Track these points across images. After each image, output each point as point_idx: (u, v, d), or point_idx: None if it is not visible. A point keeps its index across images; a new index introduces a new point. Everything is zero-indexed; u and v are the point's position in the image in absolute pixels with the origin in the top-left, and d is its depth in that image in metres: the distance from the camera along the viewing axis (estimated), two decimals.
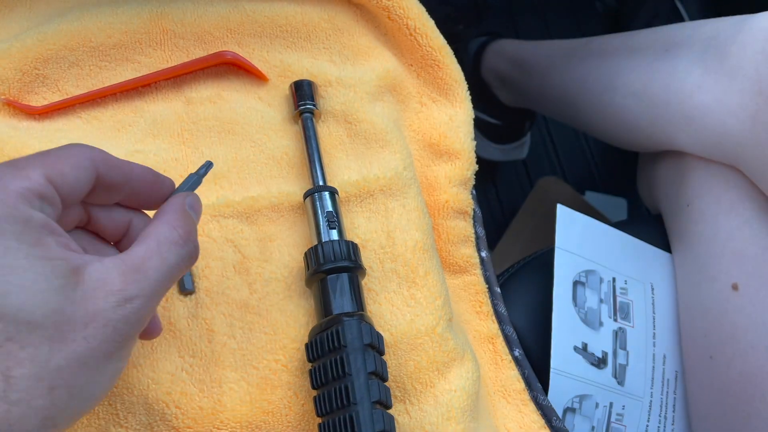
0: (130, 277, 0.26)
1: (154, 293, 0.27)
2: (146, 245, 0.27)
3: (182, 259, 0.28)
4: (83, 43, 0.43)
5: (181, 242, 0.28)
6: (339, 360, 0.34)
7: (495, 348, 0.46)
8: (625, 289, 0.55)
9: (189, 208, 0.31)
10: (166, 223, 0.29)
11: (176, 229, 0.29)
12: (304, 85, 0.45)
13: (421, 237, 0.43)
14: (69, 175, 0.27)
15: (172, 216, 0.29)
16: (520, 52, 0.84)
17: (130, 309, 0.25)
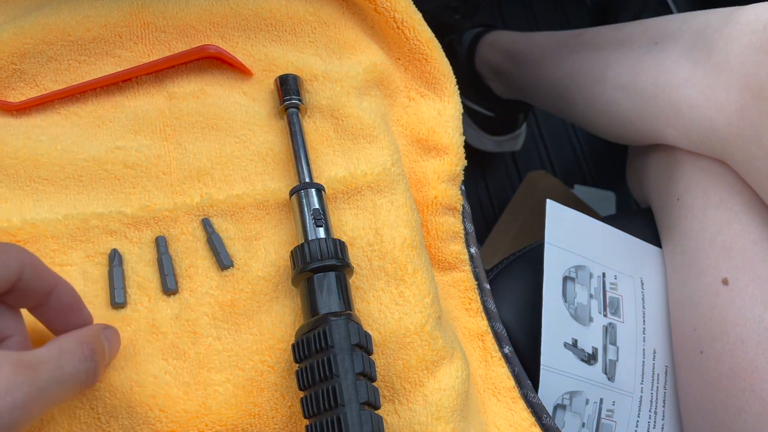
0: (19, 371, 0.25)
1: (41, 395, 0.26)
2: (47, 349, 0.28)
3: (78, 372, 0.29)
4: (61, 37, 0.42)
5: (82, 357, 0.29)
6: (326, 361, 0.34)
7: (484, 345, 0.45)
8: (614, 284, 0.55)
9: (105, 338, 0.32)
10: (75, 337, 0.30)
11: (82, 345, 0.29)
12: (289, 80, 0.44)
13: (409, 234, 0.42)
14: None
15: (83, 333, 0.31)
16: (514, 44, 0.84)
17: (10, 403, 0.25)
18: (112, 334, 0.33)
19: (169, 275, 0.38)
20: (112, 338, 0.33)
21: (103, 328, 0.33)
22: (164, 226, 0.39)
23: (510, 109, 0.95)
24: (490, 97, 0.94)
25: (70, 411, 0.34)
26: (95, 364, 0.30)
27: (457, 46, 0.94)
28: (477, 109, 0.96)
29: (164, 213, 0.39)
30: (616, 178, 1.12)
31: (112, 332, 0.34)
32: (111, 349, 0.33)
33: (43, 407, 0.27)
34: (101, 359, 0.31)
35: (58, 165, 0.39)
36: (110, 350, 0.33)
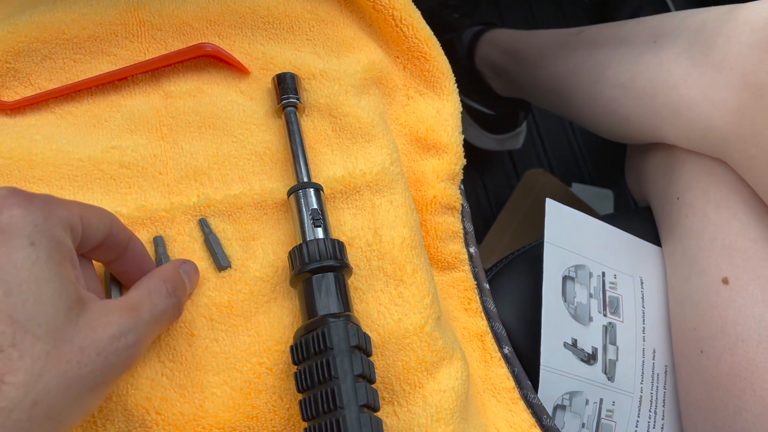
0: (127, 315, 0.28)
1: (146, 332, 0.29)
2: (139, 291, 0.31)
3: (168, 308, 0.31)
4: (56, 36, 0.41)
5: (167, 294, 0.32)
6: (325, 363, 0.33)
7: (484, 346, 0.45)
8: (614, 283, 0.54)
9: (183, 272, 0.34)
10: (157, 277, 0.32)
11: (165, 283, 0.32)
12: (287, 78, 0.44)
13: (408, 234, 0.42)
14: (94, 223, 0.30)
15: (164, 272, 0.33)
16: (514, 42, 0.84)
17: (124, 343, 0.28)
18: (190, 268, 0.36)
19: None
20: (191, 272, 0.36)
21: (181, 264, 0.35)
22: (161, 227, 0.39)
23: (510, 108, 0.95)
24: (491, 95, 0.93)
25: None
26: (178, 298, 0.32)
27: (457, 44, 0.94)
28: (477, 108, 0.95)
29: (161, 213, 0.39)
30: (614, 176, 1.11)
31: (189, 266, 0.36)
32: (191, 282, 0.35)
33: (148, 342, 0.30)
34: (183, 293, 0.33)
35: (53, 165, 0.39)
36: (190, 283, 0.35)
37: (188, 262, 0.36)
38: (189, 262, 0.36)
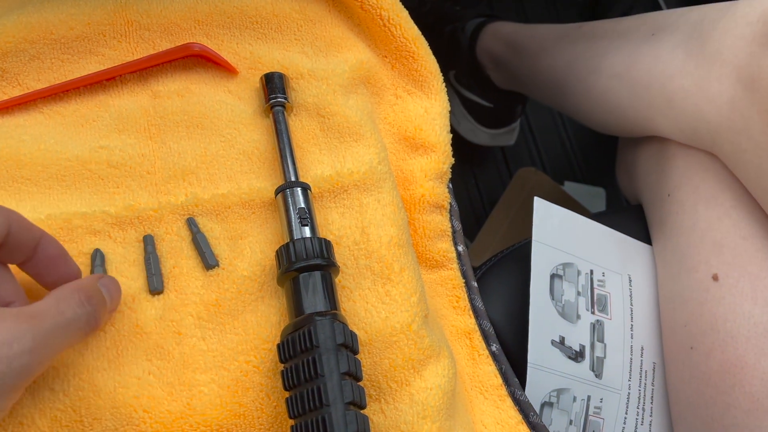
0: (23, 321, 0.27)
1: (46, 340, 0.28)
2: (45, 300, 0.29)
3: (78, 317, 0.30)
4: (44, 36, 0.42)
5: (79, 302, 0.30)
6: (311, 361, 0.33)
7: (472, 343, 0.45)
8: (602, 281, 0.55)
9: (102, 285, 0.33)
10: (70, 286, 0.31)
11: (78, 291, 0.31)
12: (274, 78, 0.44)
13: (396, 232, 0.42)
14: None
15: (79, 282, 0.32)
16: (515, 34, 0.84)
17: (17, 350, 0.26)
18: (110, 282, 0.34)
19: (156, 275, 0.37)
20: (110, 286, 0.34)
21: (99, 278, 0.34)
22: (149, 226, 0.39)
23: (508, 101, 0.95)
24: (490, 87, 0.93)
25: (51, 414, 0.34)
26: (93, 307, 0.31)
27: (461, 35, 0.94)
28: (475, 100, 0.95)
29: (149, 212, 0.39)
30: (606, 174, 1.12)
31: (109, 280, 0.34)
32: (111, 295, 0.34)
33: (50, 353, 0.28)
34: (100, 304, 0.32)
35: (41, 165, 0.39)
36: (110, 297, 0.34)
37: (108, 278, 0.35)
38: (110, 277, 0.35)
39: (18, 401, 0.33)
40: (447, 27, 0.98)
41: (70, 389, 0.34)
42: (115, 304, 0.35)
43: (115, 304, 0.35)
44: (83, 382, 0.34)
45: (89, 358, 0.35)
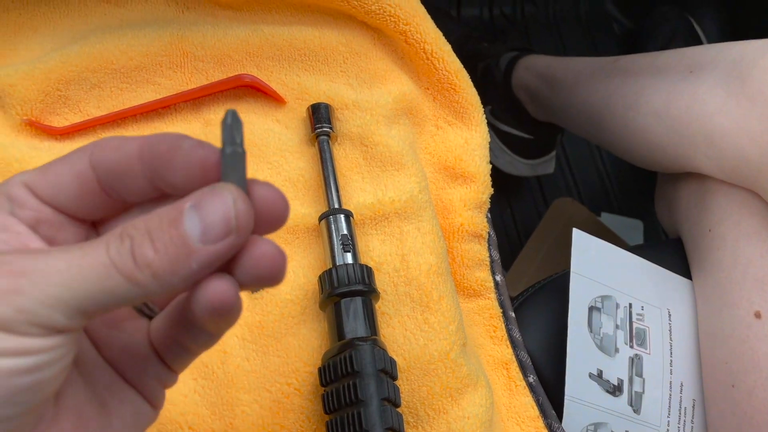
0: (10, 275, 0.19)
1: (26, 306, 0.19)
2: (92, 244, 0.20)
3: (112, 260, 0.20)
4: (105, 65, 0.44)
5: (117, 235, 0.20)
6: (352, 385, 0.34)
7: (509, 374, 0.45)
8: (641, 315, 0.54)
9: (194, 209, 0.21)
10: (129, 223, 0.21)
11: (123, 230, 0.21)
12: (321, 108, 0.45)
13: (435, 261, 0.43)
14: (51, 180, 0.23)
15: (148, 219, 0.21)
16: (549, 68, 0.85)
17: (10, 304, 0.19)
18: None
19: None
20: (210, 206, 0.21)
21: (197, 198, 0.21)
22: None
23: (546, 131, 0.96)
24: (527, 119, 0.94)
25: None
26: (127, 243, 0.20)
27: (495, 69, 0.95)
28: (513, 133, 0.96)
29: None
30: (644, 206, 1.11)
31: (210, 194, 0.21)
32: (206, 222, 0.20)
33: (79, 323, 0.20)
34: (155, 234, 0.20)
35: None
36: (205, 225, 0.20)
37: (215, 188, 0.21)
38: (222, 187, 0.21)
39: None
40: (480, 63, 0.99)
41: None
42: (218, 234, 0.20)
43: (218, 235, 0.20)
44: None
45: None
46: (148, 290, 0.20)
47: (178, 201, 0.21)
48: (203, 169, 0.22)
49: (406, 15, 0.47)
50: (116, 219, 0.24)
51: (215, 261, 0.20)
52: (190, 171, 0.22)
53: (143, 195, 0.23)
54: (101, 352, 0.25)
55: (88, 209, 0.23)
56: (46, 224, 0.23)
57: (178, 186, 0.22)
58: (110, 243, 0.20)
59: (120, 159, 0.22)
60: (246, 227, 0.21)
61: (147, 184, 0.23)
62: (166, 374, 0.25)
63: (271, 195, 0.22)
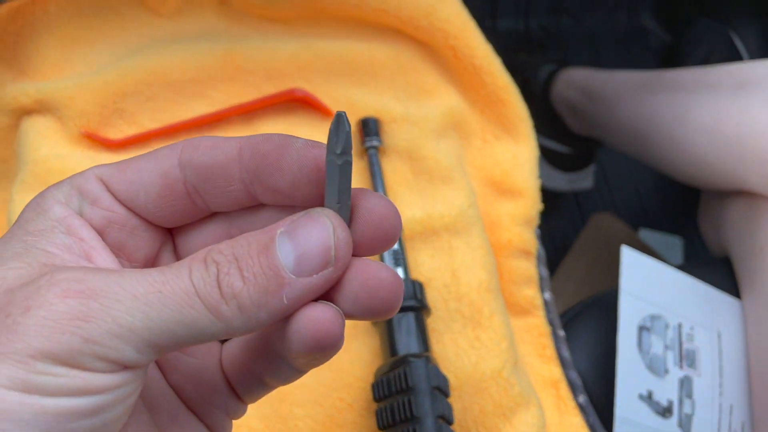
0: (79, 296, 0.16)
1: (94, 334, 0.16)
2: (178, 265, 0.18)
3: (197, 287, 0.17)
4: (159, 79, 0.45)
5: (202, 261, 0.18)
6: (407, 402, 0.34)
7: (558, 393, 0.45)
8: (691, 335, 0.53)
9: (286, 236, 0.18)
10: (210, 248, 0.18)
11: (210, 253, 0.18)
12: (369, 123, 0.45)
13: (486, 277, 0.42)
14: (128, 178, 0.20)
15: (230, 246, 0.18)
16: (590, 81, 0.84)
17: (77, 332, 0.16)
18: (341, 238, 0.19)
19: None
20: (341, 247, 0.19)
21: (292, 220, 0.19)
22: None
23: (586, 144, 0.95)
24: (566, 132, 0.93)
25: None
26: (213, 272, 0.18)
27: (533, 82, 0.95)
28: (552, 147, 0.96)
29: None
30: (684, 222, 1.09)
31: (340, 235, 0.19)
32: (301, 254, 0.18)
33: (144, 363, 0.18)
34: (245, 262, 0.18)
35: None
36: (300, 257, 0.18)
37: (314, 214, 0.19)
38: (320, 214, 0.19)
39: None
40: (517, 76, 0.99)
41: None
42: (314, 266, 0.18)
43: (313, 267, 0.18)
44: None
45: None
46: (232, 325, 0.17)
47: (269, 226, 0.19)
48: (317, 171, 0.19)
49: (455, 30, 0.47)
50: (196, 228, 0.22)
51: (309, 296, 0.18)
52: (302, 172, 0.19)
53: (234, 203, 0.21)
54: (167, 376, 0.22)
55: (166, 214, 0.21)
56: (117, 226, 0.20)
57: (283, 191, 0.20)
58: (193, 268, 0.18)
59: (216, 159, 0.20)
60: (346, 258, 0.19)
61: (241, 189, 0.20)
62: (235, 405, 0.23)
63: (383, 208, 0.19)
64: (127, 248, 0.21)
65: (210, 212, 0.21)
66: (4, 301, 0.17)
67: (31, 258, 0.18)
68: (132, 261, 0.21)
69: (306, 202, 0.20)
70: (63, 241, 0.19)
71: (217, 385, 0.22)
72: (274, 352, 0.20)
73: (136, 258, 0.21)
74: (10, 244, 0.19)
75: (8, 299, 0.17)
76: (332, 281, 0.19)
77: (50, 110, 0.42)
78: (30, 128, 0.42)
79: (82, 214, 0.20)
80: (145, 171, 0.20)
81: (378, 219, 0.19)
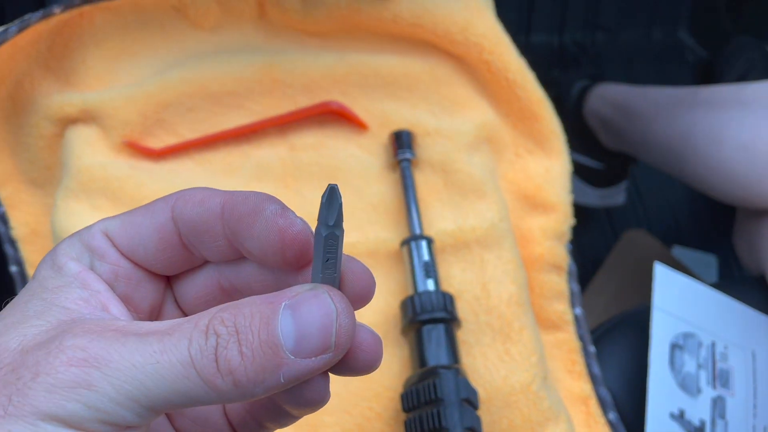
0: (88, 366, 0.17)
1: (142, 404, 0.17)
2: (163, 324, 0.19)
3: (193, 356, 0.18)
4: (200, 90, 0.46)
5: (201, 330, 0.18)
6: (436, 413, 0.34)
7: (588, 410, 0.44)
8: (725, 354, 0.52)
9: (289, 309, 0.18)
10: (215, 310, 0.19)
11: (214, 312, 0.18)
12: (403, 135, 0.46)
13: (516, 290, 0.42)
14: (129, 232, 0.21)
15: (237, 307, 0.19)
16: (624, 97, 0.83)
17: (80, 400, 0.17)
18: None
19: None
20: (307, 313, 0.19)
21: (295, 293, 0.19)
22: None
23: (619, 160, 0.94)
24: (599, 148, 0.93)
25: None
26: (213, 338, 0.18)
27: (566, 97, 0.95)
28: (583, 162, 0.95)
29: None
30: (718, 240, 1.07)
31: (312, 298, 0.19)
32: (301, 330, 0.18)
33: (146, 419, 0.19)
34: (243, 334, 0.18)
35: None
36: (300, 333, 0.18)
37: (317, 290, 0.19)
38: (321, 290, 0.19)
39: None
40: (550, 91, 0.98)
41: None
42: (316, 347, 0.18)
43: (317, 348, 0.18)
44: None
45: None
46: (227, 397, 0.18)
47: (274, 294, 0.19)
48: (281, 242, 0.20)
49: (490, 44, 0.48)
50: (191, 275, 0.23)
51: (306, 377, 0.18)
52: (268, 240, 0.20)
53: (221, 255, 0.21)
54: (173, 421, 0.23)
55: (166, 264, 0.22)
56: (124, 280, 0.22)
57: (254, 255, 0.20)
58: (193, 338, 0.18)
59: (202, 215, 0.21)
60: (345, 345, 0.19)
61: (227, 243, 0.21)
62: None
63: (366, 276, 0.21)
64: (134, 300, 0.22)
65: (204, 260, 0.22)
66: (19, 362, 0.18)
67: (50, 316, 0.19)
68: (139, 312, 0.22)
69: (281, 266, 0.21)
70: (80, 295, 0.20)
71: (221, 428, 0.23)
72: (272, 402, 0.22)
73: (142, 309, 0.22)
74: (32, 303, 0.20)
75: (22, 361, 0.18)
76: (330, 365, 0.19)
77: (94, 120, 0.44)
78: (74, 137, 0.44)
79: (93, 269, 0.21)
80: (144, 225, 0.21)
81: (361, 288, 0.20)
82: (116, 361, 0.17)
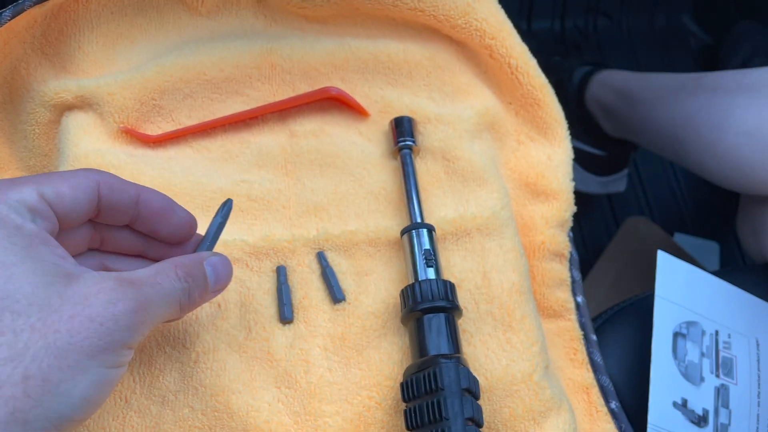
0: (124, 286, 0.27)
1: (145, 306, 0.28)
2: (145, 270, 0.30)
3: (175, 290, 0.30)
4: (198, 76, 0.45)
5: (175, 277, 0.30)
6: (436, 403, 0.34)
7: (590, 398, 0.44)
8: (728, 343, 0.52)
9: (209, 264, 0.32)
10: (172, 261, 0.31)
11: (177, 267, 0.30)
12: (404, 122, 0.45)
13: (517, 279, 0.42)
14: (66, 195, 0.29)
15: (179, 258, 0.31)
16: (627, 83, 0.83)
17: (121, 308, 0.26)
18: (219, 262, 0.33)
19: (287, 305, 0.39)
20: (219, 266, 0.33)
21: (207, 256, 0.33)
22: (282, 257, 0.41)
23: (620, 147, 0.93)
24: (600, 135, 0.92)
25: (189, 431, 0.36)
26: (189, 284, 0.31)
27: (567, 84, 0.94)
28: (585, 149, 0.94)
29: (283, 244, 0.41)
30: (721, 227, 1.06)
31: (219, 260, 0.33)
32: (217, 275, 0.33)
33: (150, 318, 0.28)
34: (197, 282, 0.31)
35: (189, 195, 0.42)
36: (216, 277, 0.33)
37: (219, 257, 0.33)
38: (221, 257, 0.33)
39: (160, 416, 0.35)
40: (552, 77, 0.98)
41: (208, 410, 0.36)
42: (222, 285, 0.33)
43: (222, 285, 0.33)
44: (219, 404, 0.36)
45: (226, 380, 0.37)
46: (183, 315, 0.33)
47: (195, 256, 0.33)
48: (190, 230, 0.35)
49: (492, 29, 0.47)
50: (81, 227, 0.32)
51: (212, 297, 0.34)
52: (181, 228, 0.34)
53: (114, 223, 0.33)
54: None
55: (75, 221, 0.31)
56: (61, 234, 0.30)
57: (162, 235, 0.34)
58: (174, 284, 0.30)
59: (122, 198, 0.31)
60: (229, 280, 0.34)
61: (125, 220, 0.33)
62: None
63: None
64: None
65: None
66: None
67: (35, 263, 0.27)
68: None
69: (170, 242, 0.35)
70: (50, 249, 0.27)
71: None
72: None
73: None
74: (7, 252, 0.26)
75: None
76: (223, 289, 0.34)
77: (91, 106, 0.43)
78: (71, 123, 0.43)
79: (37, 226, 0.28)
80: (73, 197, 0.30)
81: None
82: None
